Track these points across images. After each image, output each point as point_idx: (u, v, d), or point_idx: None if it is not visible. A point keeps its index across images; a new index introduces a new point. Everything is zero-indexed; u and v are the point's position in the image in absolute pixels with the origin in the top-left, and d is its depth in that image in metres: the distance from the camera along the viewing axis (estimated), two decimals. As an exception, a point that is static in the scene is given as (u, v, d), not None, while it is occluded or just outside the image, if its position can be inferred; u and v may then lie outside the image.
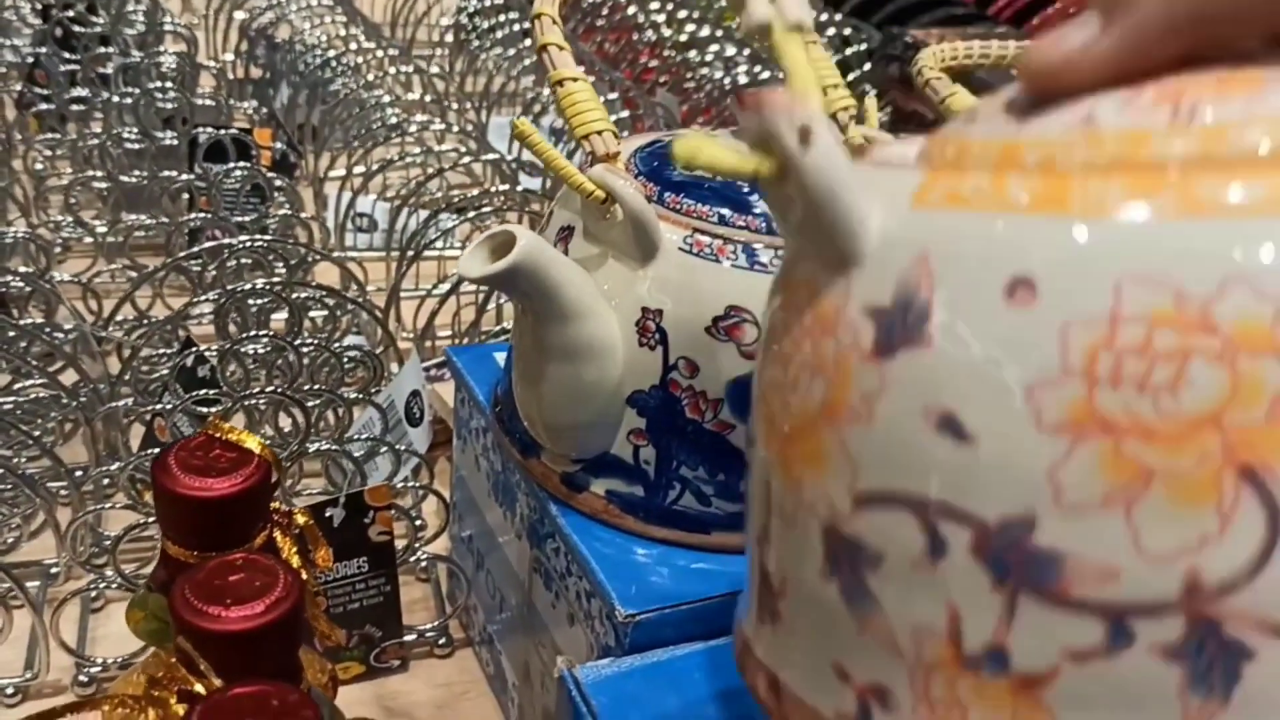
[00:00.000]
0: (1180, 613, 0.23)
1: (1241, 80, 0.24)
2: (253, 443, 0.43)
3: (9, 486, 0.64)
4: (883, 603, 0.26)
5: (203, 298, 0.68)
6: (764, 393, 0.30)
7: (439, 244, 0.89)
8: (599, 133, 0.46)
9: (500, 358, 0.59)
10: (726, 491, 0.48)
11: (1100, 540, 0.23)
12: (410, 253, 0.84)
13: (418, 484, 0.66)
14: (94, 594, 0.63)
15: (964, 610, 0.25)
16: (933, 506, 0.25)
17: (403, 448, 0.68)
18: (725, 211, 0.47)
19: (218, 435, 0.43)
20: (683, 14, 1.27)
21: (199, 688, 0.36)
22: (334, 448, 0.61)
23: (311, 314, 0.78)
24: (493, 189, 0.87)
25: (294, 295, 0.68)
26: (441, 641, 0.64)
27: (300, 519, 0.46)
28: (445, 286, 0.82)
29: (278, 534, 0.45)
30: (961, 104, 0.58)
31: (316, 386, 0.65)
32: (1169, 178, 0.23)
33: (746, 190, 0.48)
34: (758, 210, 0.47)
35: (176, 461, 0.42)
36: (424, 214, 0.90)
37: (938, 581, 0.25)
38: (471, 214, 0.84)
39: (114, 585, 0.59)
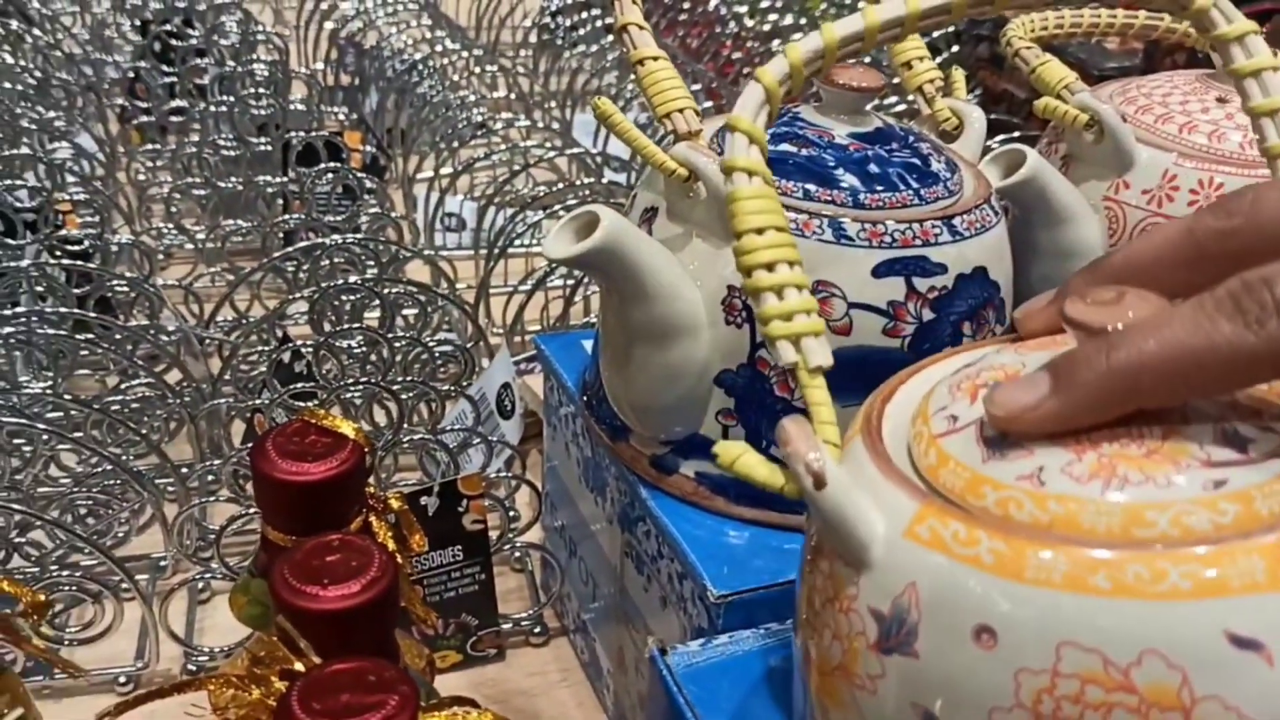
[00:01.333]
0: None
1: (1165, 455, 0.29)
2: (347, 428, 0.44)
3: (119, 482, 0.66)
4: None
5: (297, 295, 0.69)
6: (803, 604, 0.35)
7: (526, 240, 0.89)
8: (680, 110, 0.46)
9: (588, 345, 0.59)
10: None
11: None
12: (497, 249, 0.85)
13: (510, 474, 0.66)
14: (200, 585, 0.65)
15: None
16: None
17: (495, 439, 0.68)
18: (810, 187, 0.46)
19: (313, 421, 0.44)
20: (765, 3, 1.26)
21: (299, 666, 0.37)
22: (428, 437, 0.61)
23: (404, 311, 0.79)
24: (578, 183, 0.87)
25: (386, 291, 0.69)
26: (537, 630, 0.64)
27: (395, 504, 0.46)
28: (533, 281, 0.82)
29: (373, 519, 0.45)
30: (1052, 74, 0.56)
31: (410, 379, 0.65)
32: (1100, 557, 0.28)
33: (832, 165, 0.47)
34: (844, 185, 0.46)
35: (274, 447, 0.43)
36: (511, 211, 0.91)
37: None
38: (557, 208, 0.84)
39: (219, 576, 0.61)
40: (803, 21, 1.19)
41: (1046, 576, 0.28)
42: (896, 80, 0.59)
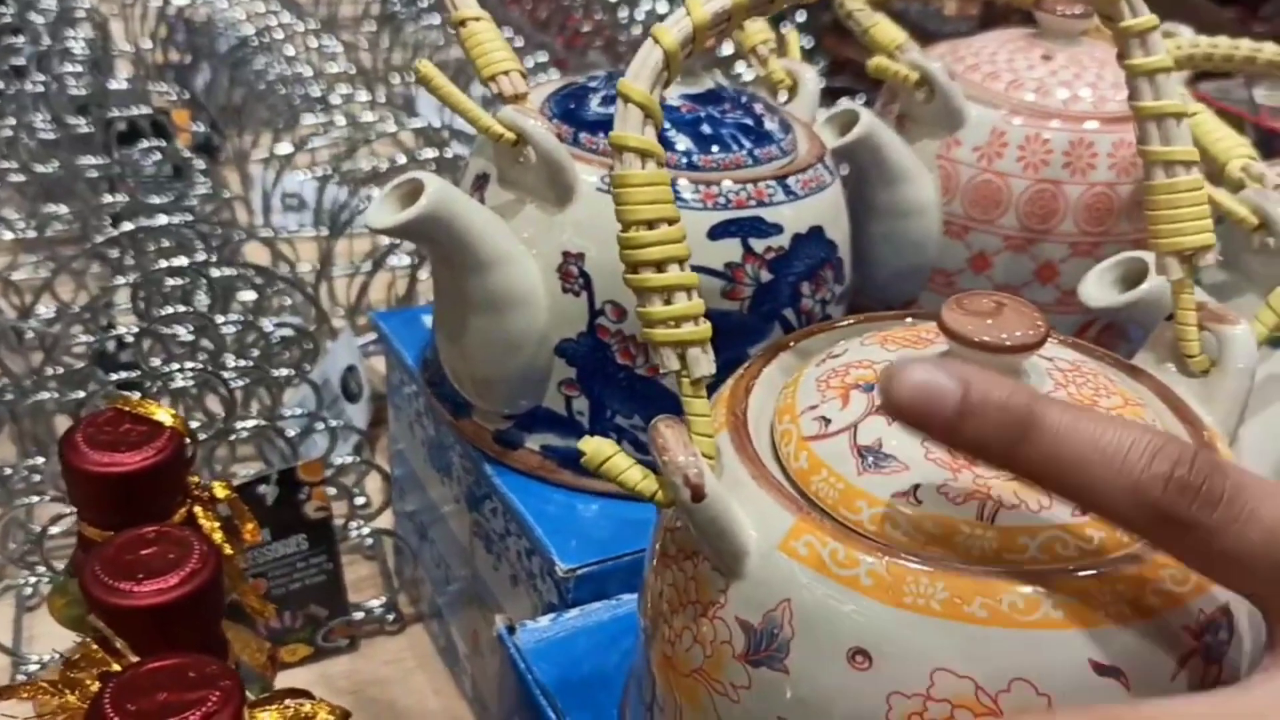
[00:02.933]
0: None
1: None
2: (164, 414, 0.41)
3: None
4: None
5: (121, 282, 0.65)
6: (653, 605, 0.34)
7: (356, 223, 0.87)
8: (505, 73, 0.45)
9: (429, 320, 0.58)
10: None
11: None
12: (337, 226, 0.82)
13: (358, 459, 0.64)
14: (28, 591, 0.61)
15: None
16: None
17: (340, 423, 0.66)
18: (643, 149, 0.45)
19: (127, 409, 0.41)
20: (611, -26, 1.25)
21: (116, 667, 0.34)
22: (264, 424, 0.59)
23: (240, 296, 0.75)
24: (420, 157, 0.85)
25: (216, 274, 0.66)
26: (391, 618, 0.62)
27: (221, 493, 0.44)
28: (374, 260, 0.80)
29: (199, 510, 0.43)
30: (884, 35, 0.57)
31: (243, 364, 0.63)
32: (980, 582, 0.28)
33: (666, 128, 0.46)
34: (677, 146, 0.46)
35: (84, 438, 0.40)
36: (351, 188, 0.88)
37: None
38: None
39: (47, 580, 0.58)
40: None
41: (925, 603, 0.28)
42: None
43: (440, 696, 0.59)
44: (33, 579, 0.59)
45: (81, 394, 0.62)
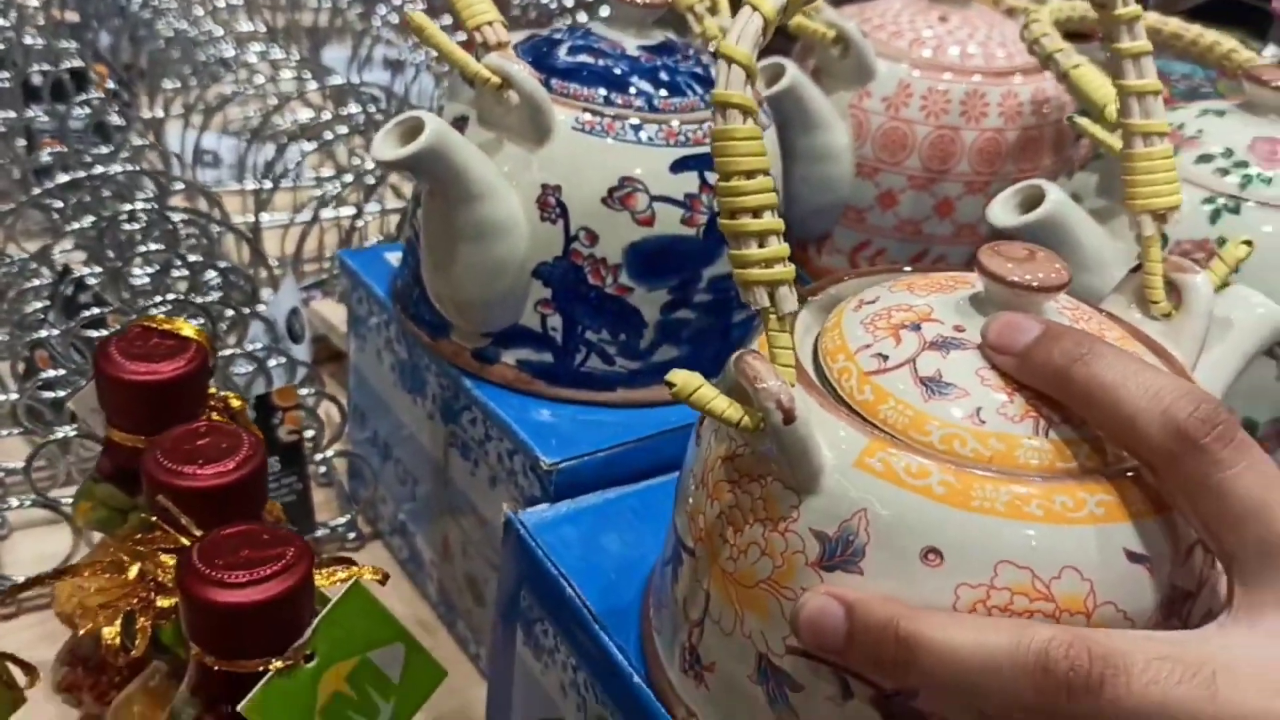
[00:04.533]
0: None
1: None
2: (189, 330, 0.45)
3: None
4: (798, 712, 0.36)
5: (76, 226, 0.68)
6: (706, 522, 0.37)
7: (294, 175, 0.90)
8: (489, 23, 0.50)
9: (391, 257, 0.62)
10: (628, 351, 0.53)
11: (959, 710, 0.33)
12: (269, 183, 0.85)
13: (315, 391, 0.68)
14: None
15: None
16: (851, 672, 0.34)
17: (295, 359, 0.70)
18: (608, 93, 0.51)
19: (153, 326, 0.45)
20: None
21: (185, 541, 0.39)
22: (238, 351, 0.63)
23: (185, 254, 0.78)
24: (344, 113, 0.88)
25: (177, 218, 0.69)
26: (352, 535, 0.67)
27: (235, 403, 0.48)
28: (308, 214, 0.83)
29: (216, 418, 0.47)
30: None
31: (210, 300, 0.66)
32: (1037, 489, 0.32)
33: (627, 73, 0.52)
34: (639, 91, 0.51)
35: (118, 350, 0.44)
36: (270, 146, 0.91)
37: (844, 712, 0.34)
38: (327, 136, 0.85)
39: (26, 505, 0.60)
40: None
41: (991, 505, 0.32)
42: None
43: (405, 602, 0.64)
44: (4, 509, 0.61)
45: (45, 334, 0.64)
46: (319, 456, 0.70)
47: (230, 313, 0.71)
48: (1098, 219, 0.51)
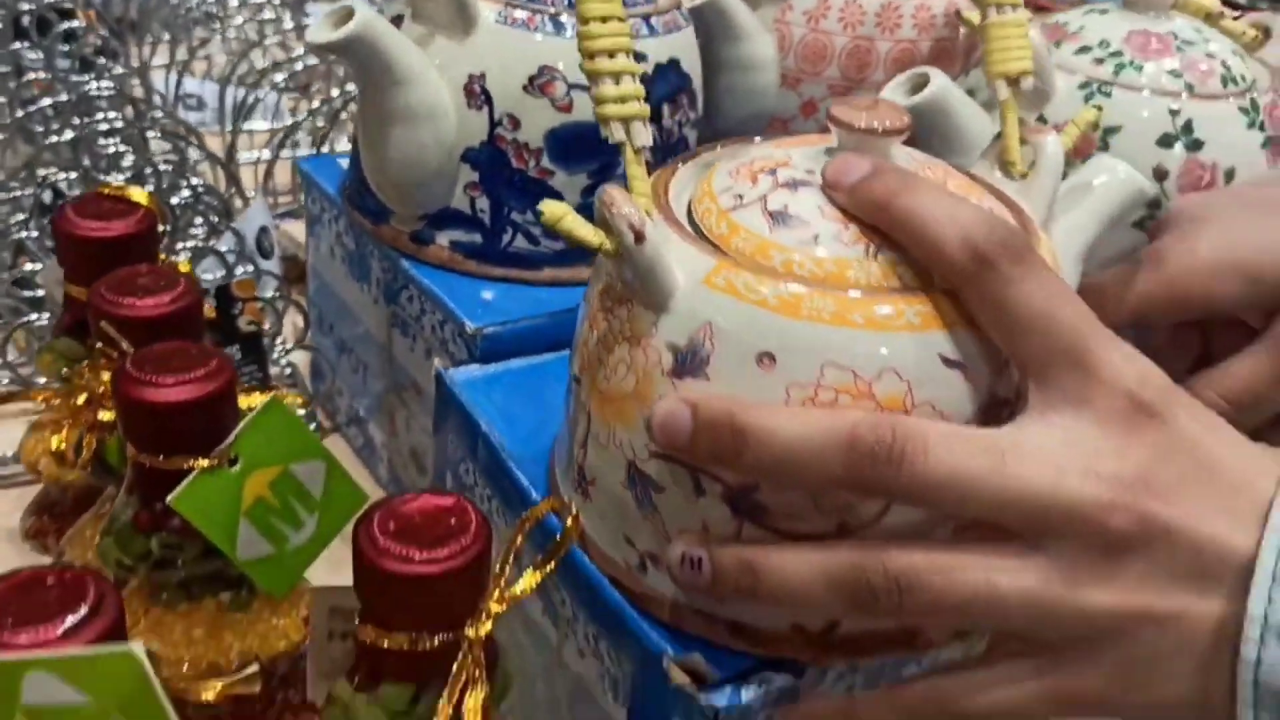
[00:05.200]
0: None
1: None
2: (139, 195, 0.50)
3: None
4: (661, 512, 0.40)
5: (55, 140, 0.72)
6: (588, 353, 0.42)
7: (262, 119, 0.95)
8: (419, -79, 0.54)
9: (343, 163, 0.67)
10: (551, 232, 0.57)
11: (793, 498, 0.37)
12: (243, 112, 0.90)
13: (279, 294, 0.73)
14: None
15: (711, 525, 0.39)
16: (700, 470, 0.38)
17: (263, 269, 0.74)
18: (531, -10, 0.55)
19: (106, 192, 0.50)
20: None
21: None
22: (208, 247, 0.67)
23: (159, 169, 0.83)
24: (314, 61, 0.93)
25: (153, 135, 0.73)
26: (312, 427, 0.71)
27: (183, 269, 0.53)
28: (279, 139, 0.88)
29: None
30: None
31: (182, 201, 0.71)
32: (859, 301, 0.36)
33: (549, -27, 0.56)
34: (560, -11, 0.56)
35: (74, 211, 0.49)
36: (250, 83, 0.96)
37: (699, 508, 0.39)
38: (301, 71, 0.90)
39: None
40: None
41: (818, 314, 0.36)
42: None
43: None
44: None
45: (24, 234, 0.69)
46: (283, 360, 0.74)
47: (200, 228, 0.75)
48: (987, 109, 0.56)
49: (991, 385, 0.37)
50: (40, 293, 0.70)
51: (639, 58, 0.55)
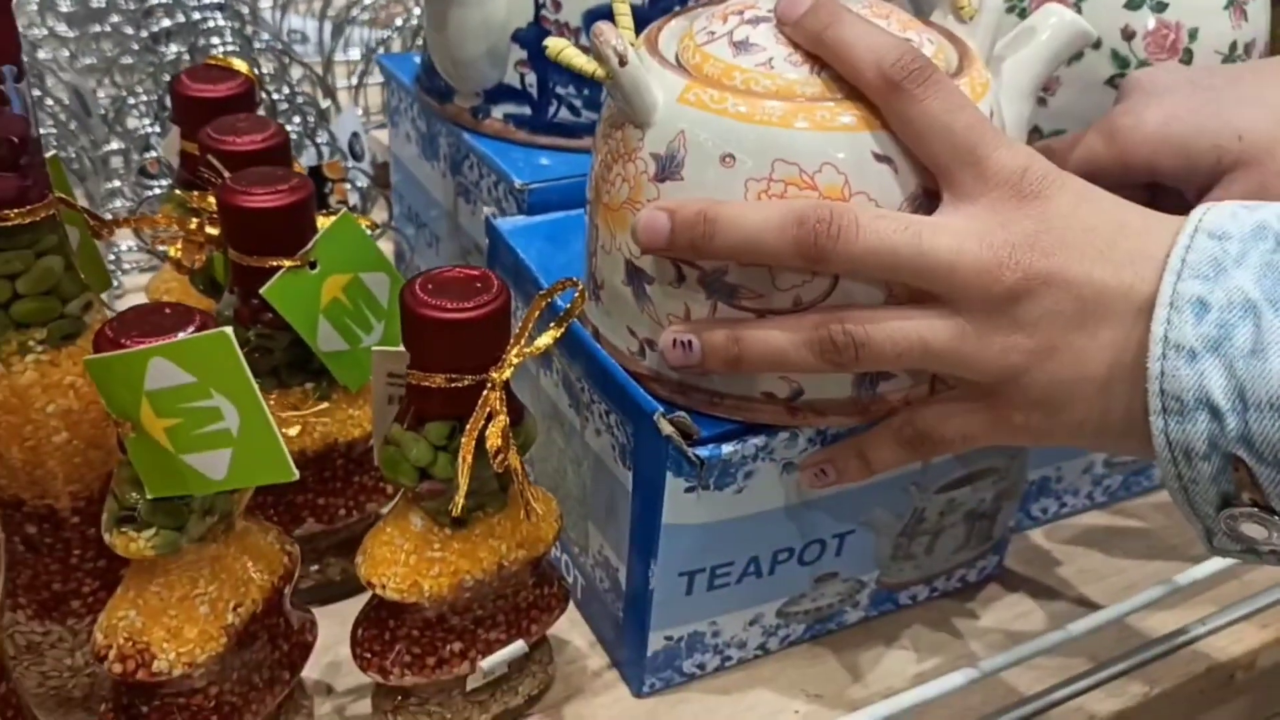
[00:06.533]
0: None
1: None
2: (240, 65, 0.60)
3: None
4: (654, 301, 0.48)
5: (176, 50, 0.83)
6: (596, 176, 0.50)
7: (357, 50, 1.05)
8: None
9: (417, 60, 0.76)
10: (591, 104, 0.65)
11: (756, 278, 0.45)
12: (340, 33, 1.00)
13: (369, 185, 0.82)
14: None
15: (692, 307, 0.47)
16: (681, 261, 0.46)
17: (351, 166, 0.84)
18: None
19: (214, 63, 0.60)
20: None
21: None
22: (316, 142, 0.77)
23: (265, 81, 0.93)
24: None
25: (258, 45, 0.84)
26: (393, 300, 0.81)
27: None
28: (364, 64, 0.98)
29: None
30: None
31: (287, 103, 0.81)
32: (804, 107, 0.44)
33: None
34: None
35: (188, 76, 0.59)
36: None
37: (680, 294, 0.47)
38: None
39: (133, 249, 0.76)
40: None
41: (768, 118, 0.44)
42: None
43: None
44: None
45: (148, 133, 0.80)
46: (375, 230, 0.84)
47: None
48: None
49: (918, 177, 0.44)
50: (164, 186, 0.81)
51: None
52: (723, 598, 0.53)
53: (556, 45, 0.46)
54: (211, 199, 0.53)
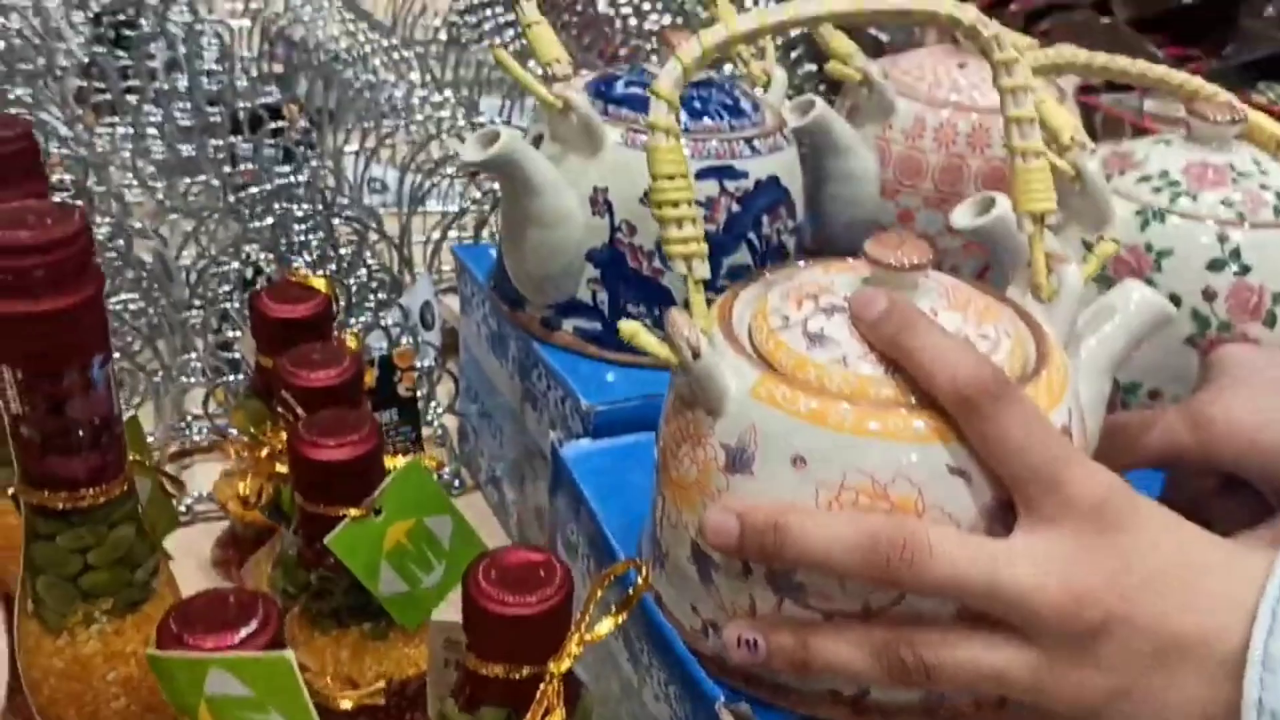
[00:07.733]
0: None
1: None
2: (318, 282, 0.61)
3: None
4: (718, 585, 0.47)
5: (258, 225, 0.85)
6: (664, 448, 0.49)
7: (440, 196, 1.06)
8: (557, 60, 0.64)
9: (493, 253, 0.77)
10: (660, 323, 0.65)
11: (824, 580, 0.44)
12: (415, 199, 1.02)
13: (436, 363, 0.83)
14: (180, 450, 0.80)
15: (757, 600, 0.46)
16: None
17: (421, 340, 0.85)
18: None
19: (293, 279, 0.61)
20: (647, 6, 1.45)
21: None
22: (374, 322, 0.78)
23: (340, 250, 0.95)
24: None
25: (336, 223, 0.86)
26: (456, 484, 0.81)
27: (351, 342, 0.63)
28: (444, 226, 0.99)
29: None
30: (841, 46, 0.75)
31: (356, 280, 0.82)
32: (878, 412, 0.43)
33: (668, 102, 0.65)
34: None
35: (267, 295, 0.60)
36: (427, 171, 1.08)
37: (746, 586, 0.46)
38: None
39: (201, 435, 0.77)
40: (679, 21, 1.38)
41: (842, 424, 0.43)
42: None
43: (493, 540, 0.77)
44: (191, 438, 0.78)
45: (226, 305, 0.81)
46: (435, 422, 0.84)
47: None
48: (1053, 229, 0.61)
49: (994, 490, 0.43)
50: (238, 355, 0.82)
51: (740, 175, 0.64)
52: None
53: (629, 329, 0.46)
54: (283, 435, 0.54)
